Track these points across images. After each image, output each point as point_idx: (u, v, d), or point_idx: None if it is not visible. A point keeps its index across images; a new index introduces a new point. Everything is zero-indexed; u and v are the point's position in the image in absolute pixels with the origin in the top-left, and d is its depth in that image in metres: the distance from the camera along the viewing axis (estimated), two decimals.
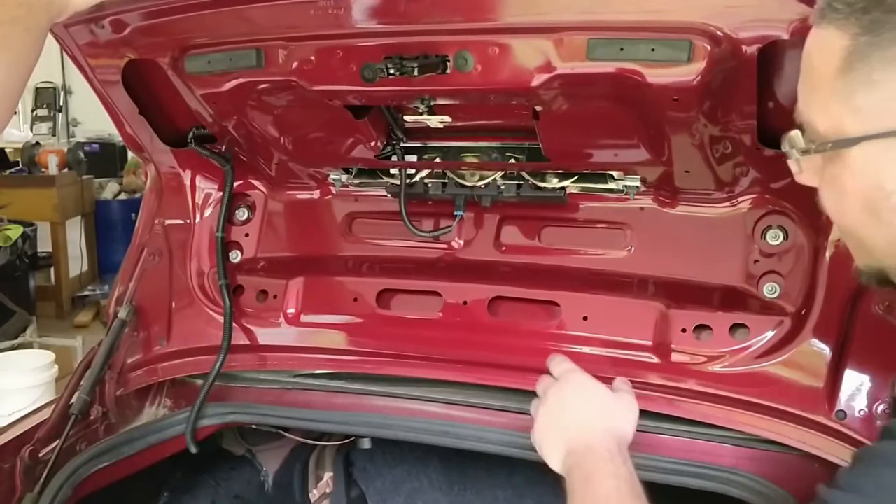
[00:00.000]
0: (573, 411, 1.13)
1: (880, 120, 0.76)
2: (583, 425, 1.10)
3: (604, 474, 1.01)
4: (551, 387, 1.18)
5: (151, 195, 1.67)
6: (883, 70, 0.75)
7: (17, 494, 1.41)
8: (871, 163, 0.78)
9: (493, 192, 1.50)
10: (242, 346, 1.60)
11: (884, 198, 0.78)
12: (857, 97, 0.77)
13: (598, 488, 1.00)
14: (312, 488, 1.90)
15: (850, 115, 0.78)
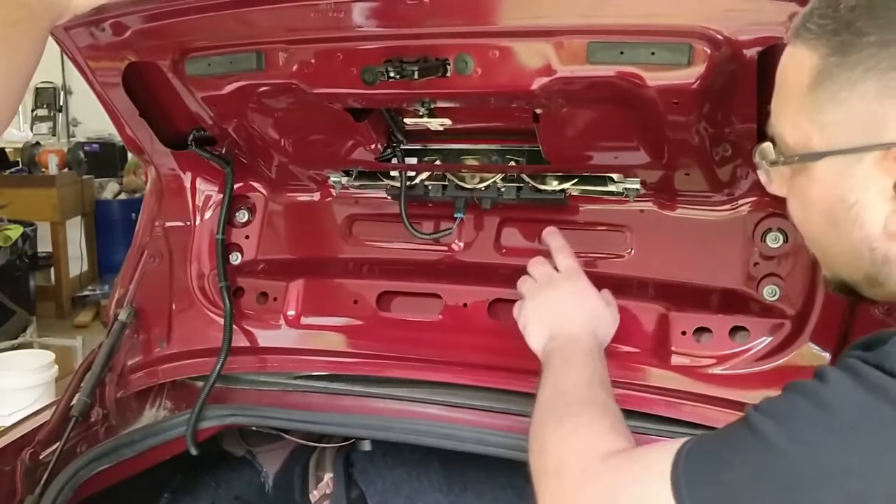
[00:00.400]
0: (566, 305, 1.23)
1: (844, 136, 0.80)
2: (572, 320, 1.21)
3: (582, 364, 1.12)
4: (553, 276, 1.28)
5: (152, 197, 1.67)
6: (848, 89, 0.78)
7: (17, 497, 1.41)
8: (834, 176, 0.82)
9: (493, 194, 1.50)
10: (243, 347, 1.60)
11: (845, 210, 0.81)
12: (823, 114, 0.81)
13: (574, 371, 1.10)
14: (313, 489, 1.90)
15: (816, 130, 0.82)
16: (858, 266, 0.85)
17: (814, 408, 0.73)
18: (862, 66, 0.77)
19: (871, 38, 0.77)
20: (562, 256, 1.32)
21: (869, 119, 0.78)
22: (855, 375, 0.73)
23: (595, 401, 1.05)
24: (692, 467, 0.78)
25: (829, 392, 0.73)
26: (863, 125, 0.79)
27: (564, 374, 1.11)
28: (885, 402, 0.70)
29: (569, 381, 1.09)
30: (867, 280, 0.86)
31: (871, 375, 0.72)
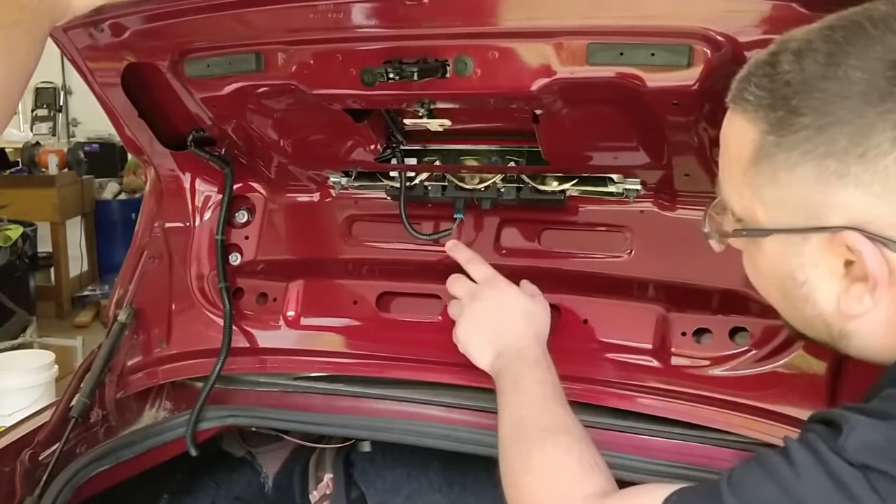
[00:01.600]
0: (498, 315, 1.25)
1: (787, 217, 0.78)
2: (510, 329, 1.22)
3: (533, 380, 1.13)
4: (475, 290, 1.29)
5: (151, 198, 1.67)
6: (787, 171, 0.76)
7: (17, 498, 1.41)
8: (782, 253, 0.80)
9: (492, 194, 1.50)
10: (242, 348, 1.60)
11: (796, 287, 0.81)
12: (764, 191, 0.79)
13: (528, 391, 1.11)
14: (312, 490, 1.89)
15: (759, 205, 0.80)
16: (818, 336, 0.85)
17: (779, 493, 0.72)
18: (798, 149, 0.75)
19: (806, 120, 0.74)
20: (474, 267, 1.33)
21: (810, 203, 0.76)
22: (821, 463, 0.71)
23: (556, 426, 1.04)
24: None
25: (799, 485, 0.71)
26: (804, 208, 0.77)
27: (519, 398, 1.12)
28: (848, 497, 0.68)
29: (524, 406, 1.10)
30: (830, 346, 0.86)
31: (835, 465, 0.70)
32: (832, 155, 0.73)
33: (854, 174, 0.73)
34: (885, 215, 0.73)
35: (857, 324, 0.80)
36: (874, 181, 0.73)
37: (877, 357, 0.81)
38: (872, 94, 0.72)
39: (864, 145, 0.72)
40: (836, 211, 0.75)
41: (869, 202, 0.73)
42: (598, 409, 1.34)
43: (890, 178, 0.72)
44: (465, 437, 1.43)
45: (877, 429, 0.70)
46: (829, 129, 0.73)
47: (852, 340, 0.81)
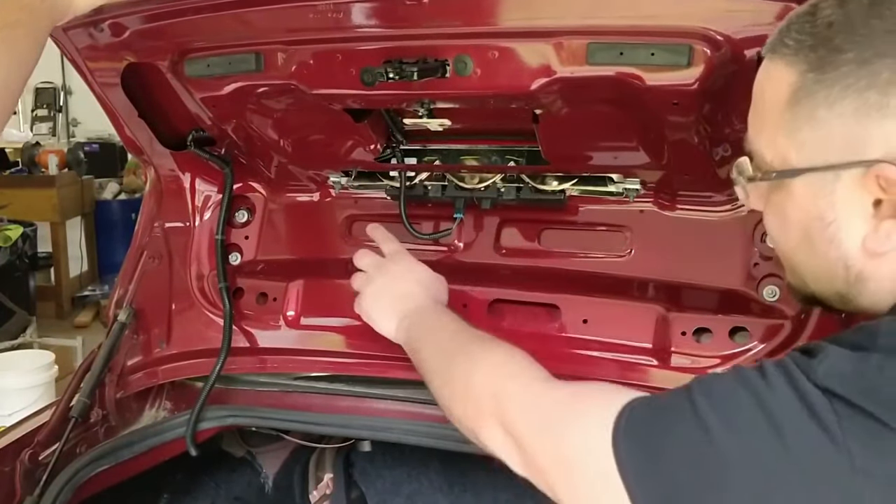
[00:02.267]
0: (401, 284, 1.31)
1: (822, 155, 0.79)
2: (413, 296, 1.29)
3: (442, 322, 1.19)
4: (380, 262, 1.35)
5: (151, 198, 1.67)
6: (826, 108, 0.78)
7: (17, 497, 1.41)
8: (812, 194, 0.81)
9: (492, 194, 1.50)
10: (242, 348, 1.60)
11: (822, 228, 0.82)
12: (801, 132, 0.80)
13: (443, 328, 1.17)
14: (312, 489, 1.90)
15: (794, 147, 0.82)
16: (831, 283, 0.85)
17: (755, 406, 0.74)
18: (840, 83, 0.77)
19: (849, 56, 0.76)
20: (386, 244, 1.40)
21: (848, 138, 0.78)
22: (792, 382, 0.74)
23: (489, 339, 1.09)
24: (633, 429, 0.80)
25: (769, 393, 0.74)
26: (841, 144, 0.78)
27: (437, 333, 1.18)
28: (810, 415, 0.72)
29: (446, 338, 1.15)
30: (838, 297, 0.86)
31: (804, 385, 0.73)
32: (873, 86, 0.75)
33: (894, 105, 0.74)
34: None
35: (876, 265, 0.80)
36: None
37: (882, 305, 0.82)
38: None
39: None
40: (873, 144, 0.76)
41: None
42: None
43: None
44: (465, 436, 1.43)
45: (846, 358, 0.73)
46: (872, 62, 0.75)
47: (868, 285, 0.82)
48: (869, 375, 0.72)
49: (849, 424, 0.70)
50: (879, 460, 0.69)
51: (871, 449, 0.69)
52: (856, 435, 0.69)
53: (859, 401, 0.70)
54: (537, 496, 1.82)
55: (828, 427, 0.70)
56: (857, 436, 0.69)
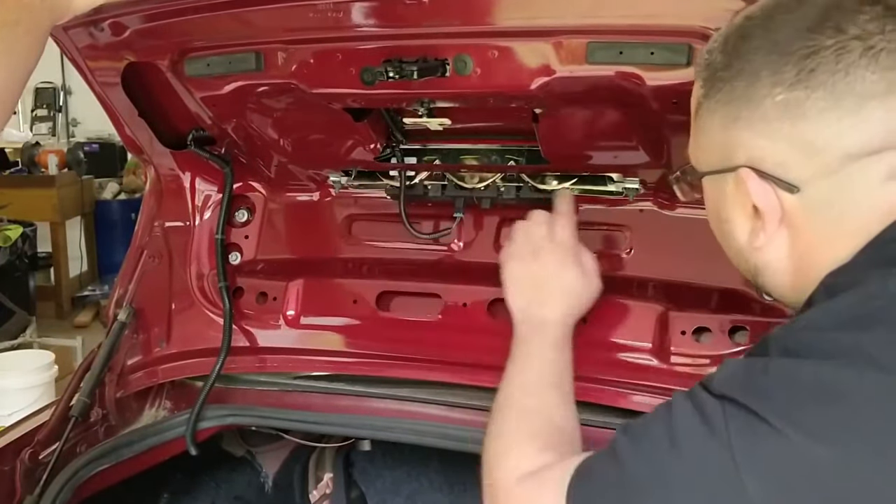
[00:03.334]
0: (545, 282, 1.27)
1: (710, 159, 0.92)
2: (547, 302, 1.25)
3: (542, 360, 1.19)
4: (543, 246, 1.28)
5: (151, 197, 1.67)
6: (708, 119, 0.90)
7: (17, 497, 1.42)
8: (713, 195, 0.94)
9: (492, 194, 1.50)
10: (242, 347, 1.60)
11: (721, 223, 0.94)
12: (699, 139, 0.93)
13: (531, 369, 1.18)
14: (312, 489, 1.90)
15: (699, 152, 0.94)
16: (746, 271, 0.95)
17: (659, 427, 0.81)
18: (714, 99, 0.88)
19: (722, 75, 0.87)
20: (560, 224, 1.31)
21: (721, 145, 0.88)
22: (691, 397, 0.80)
23: (538, 409, 1.11)
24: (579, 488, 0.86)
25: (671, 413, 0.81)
26: (720, 151, 0.89)
27: (522, 374, 1.18)
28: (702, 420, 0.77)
29: (521, 382, 1.17)
30: (755, 283, 0.96)
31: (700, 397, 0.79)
32: (732, 101, 0.86)
33: (744, 117, 0.85)
34: (770, 154, 0.83)
35: (763, 259, 0.90)
36: (758, 122, 0.84)
37: (787, 298, 0.93)
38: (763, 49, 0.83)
39: (751, 90, 0.84)
40: (738, 151, 0.86)
41: (757, 142, 0.84)
42: (598, 408, 1.34)
43: (768, 119, 0.83)
44: (465, 436, 1.43)
45: (739, 365, 0.81)
46: (732, 80, 0.85)
47: (765, 276, 0.92)
48: (755, 376, 0.77)
49: (734, 423, 0.75)
50: (756, 449, 0.73)
51: (749, 440, 0.73)
52: (738, 430, 0.74)
53: (745, 400, 0.75)
54: None
55: (715, 428, 0.75)
56: (739, 431, 0.74)
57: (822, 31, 0.79)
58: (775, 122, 0.82)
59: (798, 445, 0.71)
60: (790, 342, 0.78)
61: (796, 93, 0.80)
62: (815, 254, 0.85)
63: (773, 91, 0.82)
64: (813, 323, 0.80)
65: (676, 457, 0.77)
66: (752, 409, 0.74)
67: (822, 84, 0.79)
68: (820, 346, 0.76)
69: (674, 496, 0.77)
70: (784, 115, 0.81)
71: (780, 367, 0.76)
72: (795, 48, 0.80)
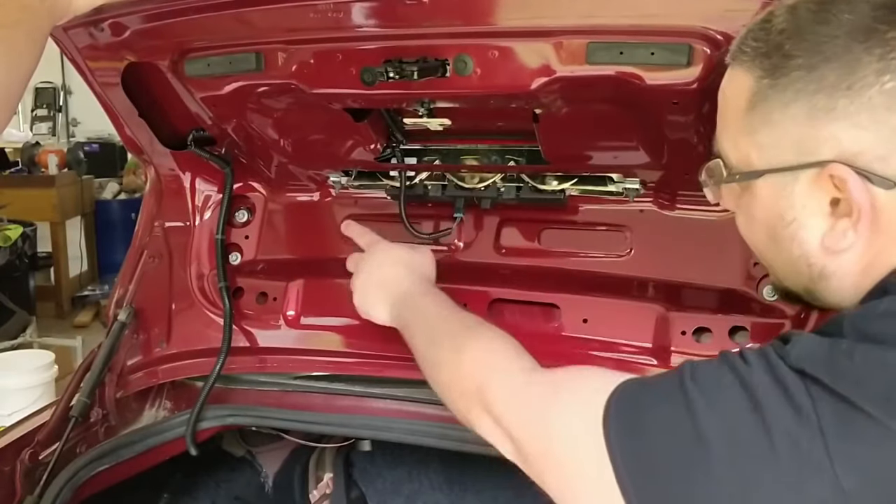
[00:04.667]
0: (380, 271, 1.33)
1: (779, 156, 0.83)
2: (394, 280, 1.30)
3: (431, 302, 1.22)
4: (359, 258, 1.38)
5: (151, 197, 1.67)
6: (780, 111, 0.82)
7: (17, 497, 1.41)
8: (773, 194, 0.86)
9: (492, 194, 1.50)
10: (242, 348, 1.60)
11: (783, 227, 0.86)
12: (759, 134, 0.85)
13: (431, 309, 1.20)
14: (312, 489, 1.90)
15: (754, 149, 0.86)
16: (798, 279, 0.89)
17: (736, 385, 0.77)
18: (791, 88, 0.81)
19: (798, 62, 0.80)
20: (361, 239, 1.43)
21: (801, 139, 0.81)
22: (769, 364, 0.77)
23: (474, 324, 1.11)
24: (623, 409, 0.82)
25: (749, 374, 0.77)
26: (796, 145, 0.82)
27: (429, 318, 1.18)
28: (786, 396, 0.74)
29: (434, 320, 1.17)
30: (807, 292, 0.90)
31: (779, 367, 0.76)
32: (822, 90, 0.79)
33: (842, 107, 0.78)
34: (871, 147, 0.78)
35: (837, 262, 0.84)
36: (860, 111, 0.78)
37: (847, 300, 0.86)
38: (858, 32, 0.77)
39: (850, 79, 0.77)
40: (825, 145, 0.80)
41: (856, 134, 0.78)
42: None
43: (874, 108, 0.77)
44: (465, 436, 1.42)
45: (818, 342, 0.77)
46: (819, 67, 0.79)
47: (830, 282, 0.86)
48: (839, 359, 0.74)
49: (822, 406, 0.72)
50: (853, 443, 0.71)
51: (844, 429, 0.71)
52: (831, 417, 0.71)
53: (832, 383, 0.72)
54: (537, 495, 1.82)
55: (801, 408, 0.72)
56: (831, 418, 0.71)
57: None
58: (882, 112, 0.77)
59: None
60: (871, 327, 0.75)
61: None
62: (892, 248, 0.81)
63: (881, 78, 0.76)
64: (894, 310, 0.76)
65: (761, 426, 0.73)
66: (842, 394, 0.71)
67: None
68: None
69: (754, 467, 0.73)
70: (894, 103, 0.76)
71: (868, 353, 0.73)
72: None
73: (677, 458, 0.77)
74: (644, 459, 0.79)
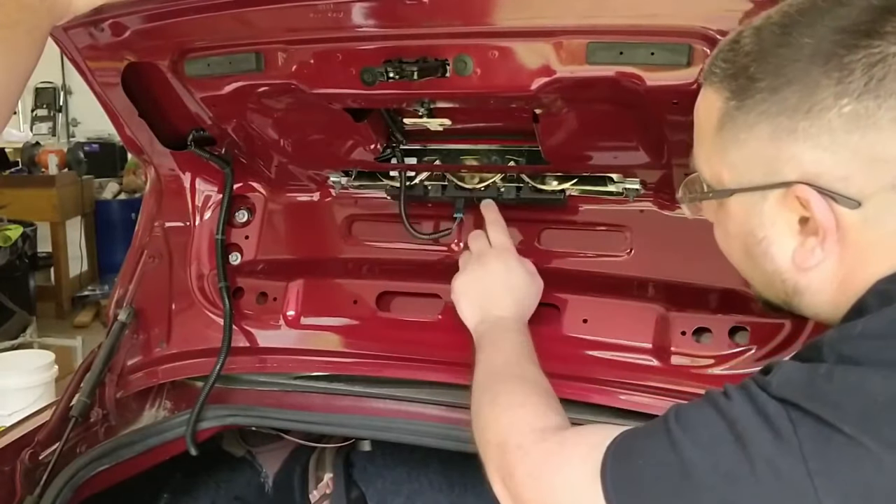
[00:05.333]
0: (493, 284, 1.34)
1: (747, 175, 0.85)
2: (499, 301, 1.32)
3: (510, 344, 1.23)
4: (484, 253, 1.38)
5: (151, 197, 1.67)
6: (746, 132, 0.83)
7: (17, 497, 1.41)
8: (744, 212, 0.87)
9: (492, 194, 1.50)
10: (242, 348, 1.60)
11: (755, 243, 0.87)
12: (729, 154, 0.86)
13: (502, 350, 1.21)
14: (312, 489, 1.90)
15: (725, 168, 0.87)
16: (776, 293, 0.91)
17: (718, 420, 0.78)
18: (756, 110, 0.82)
19: (762, 84, 0.81)
20: (494, 231, 1.41)
21: (766, 160, 0.83)
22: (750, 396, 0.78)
23: (525, 377, 1.14)
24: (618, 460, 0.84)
25: (730, 408, 0.78)
26: (762, 165, 0.83)
27: (494, 356, 1.21)
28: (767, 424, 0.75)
29: (499, 362, 1.19)
30: (785, 304, 0.92)
31: (760, 398, 0.77)
32: (783, 112, 0.80)
33: (802, 129, 0.79)
34: (831, 168, 0.79)
35: (808, 279, 0.85)
36: (820, 134, 0.79)
37: (824, 315, 0.88)
38: (818, 56, 0.78)
39: (809, 101, 0.79)
40: (789, 166, 0.81)
41: (817, 156, 0.79)
42: (599, 409, 1.34)
43: (833, 131, 0.78)
44: (465, 436, 1.42)
45: (797, 368, 0.78)
46: (781, 90, 0.80)
47: (804, 297, 0.88)
48: (818, 383, 0.75)
49: (803, 430, 0.73)
50: (831, 458, 0.71)
51: (822, 449, 0.72)
52: (809, 437, 0.72)
53: (812, 407, 0.73)
54: None
55: (782, 433, 0.73)
56: (810, 438, 0.72)
57: (882, 36, 0.76)
58: (841, 134, 0.78)
59: (877, 455, 0.70)
60: (848, 349, 0.76)
61: (866, 103, 0.76)
62: (865, 265, 0.82)
63: (839, 102, 0.77)
64: (871, 331, 0.77)
65: (742, 455, 0.75)
66: (821, 417, 0.72)
67: (893, 93, 0.76)
68: (881, 356, 0.74)
69: (739, 495, 0.75)
70: (853, 126, 0.77)
71: (845, 375, 0.74)
72: (859, 56, 0.76)
73: (665, 492, 0.79)
74: (634, 494, 0.82)
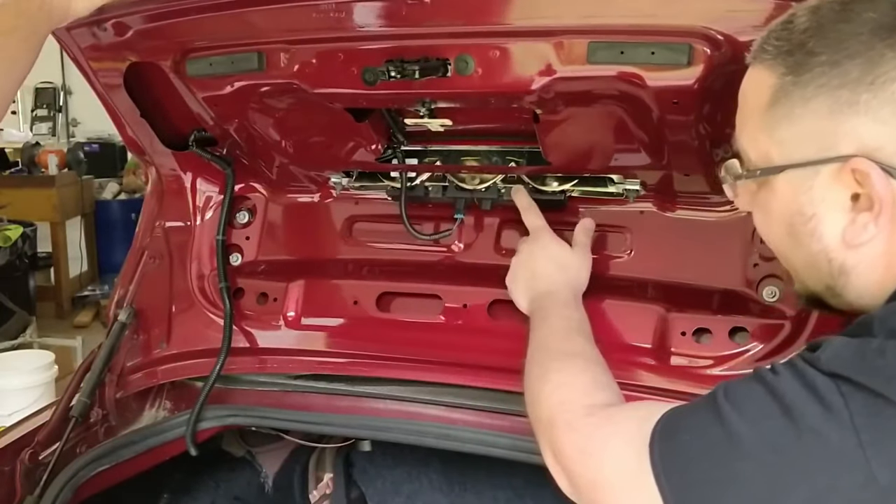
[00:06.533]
0: (536, 263, 1.37)
1: (800, 151, 0.85)
2: (544, 277, 1.34)
3: (559, 316, 1.25)
4: (522, 241, 1.42)
5: (152, 198, 1.67)
6: (802, 106, 0.84)
7: (17, 497, 1.42)
8: (793, 190, 0.87)
9: (493, 195, 1.50)
10: (242, 348, 1.60)
11: (803, 222, 0.87)
12: (780, 130, 0.86)
13: (553, 324, 1.23)
14: (312, 489, 1.89)
15: (775, 146, 0.87)
16: (819, 277, 0.90)
17: (766, 395, 0.79)
18: (814, 84, 0.82)
19: (821, 58, 0.82)
20: (528, 216, 1.44)
21: (822, 134, 0.83)
22: (798, 372, 0.79)
23: (575, 351, 1.15)
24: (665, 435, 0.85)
25: (778, 383, 0.79)
26: (817, 140, 0.83)
27: (545, 330, 1.22)
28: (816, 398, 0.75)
29: (549, 336, 1.20)
30: (828, 290, 0.91)
31: (808, 373, 0.77)
32: (845, 85, 0.80)
33: (864, 101, 0.80)
34: (891, 141, 0.80)
35: (858, 256, 0.85)
36: (882, 106, 0.79)
37: (867, 296, 0.87)
38: (882, 30, 0.79)
39: (873, 73, 0.79)
40: (847, 139, 0.81)
41: (877, 129, 0.80)
42: None
43: None
44: (465, 436, 1.43)
45: (847, 344, 0.78)
46: (842, 63, 0.80)
47: (850, 277, 0.86)
48: (870, 357, 0.75)
49: (854, 403, 0.73)
50: (884, 431, 0.72)
51: (875, 421, 0.72)
52: (861, 411, 0.73)
53: (864, 380, 0.73)
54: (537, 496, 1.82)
55: (832, 407, 0.73)
56: (863, 413, 0.72)
57: None
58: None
59: None
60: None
61: None
62: None
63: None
64: None
65: (792, 428, 0.75)
66: (874, 389, 0.72)
67: None
68: None
69: (788, 468, 0.75)
70: None
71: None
72: None
73: (711, 464, 0.80)
74: (681, 465, 0.82)
